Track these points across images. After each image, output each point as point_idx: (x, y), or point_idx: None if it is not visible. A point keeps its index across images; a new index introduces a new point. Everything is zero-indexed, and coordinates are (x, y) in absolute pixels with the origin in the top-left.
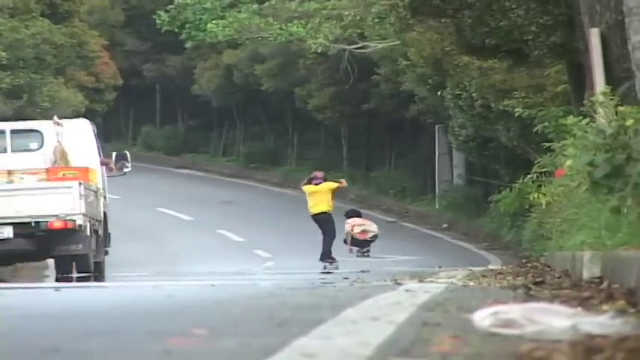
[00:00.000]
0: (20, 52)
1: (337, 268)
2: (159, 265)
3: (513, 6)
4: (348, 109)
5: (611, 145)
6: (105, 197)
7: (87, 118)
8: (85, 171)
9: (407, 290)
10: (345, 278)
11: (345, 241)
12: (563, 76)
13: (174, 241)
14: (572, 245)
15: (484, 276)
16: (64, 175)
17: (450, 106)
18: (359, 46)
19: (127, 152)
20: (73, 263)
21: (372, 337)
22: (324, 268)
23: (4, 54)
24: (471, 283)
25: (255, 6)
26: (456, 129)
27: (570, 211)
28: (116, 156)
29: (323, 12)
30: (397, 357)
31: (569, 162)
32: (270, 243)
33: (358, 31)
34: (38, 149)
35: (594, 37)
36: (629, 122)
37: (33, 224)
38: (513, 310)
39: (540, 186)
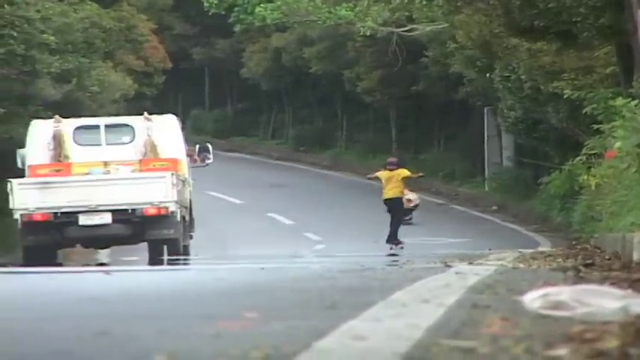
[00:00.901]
0: (69, 37)
1: (402, 248)
2: (210, 249)
3: None
4: (397, 91)
5: None
6: (190, 186)
7: (136, 102)
8: (174, 162)
9: (456, 273)
10: (395, 261)
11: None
12: (613, 58)
13: (224, 224)
14: (622, 227)
15: (534, 258)
16: (154, 166)
17: (498, 88)
18: (407, 28)
19: (209, 145)
20: (165, 246)
21: (421, 320)
22: (390, 249)
23: (52, 38)
24: (521, 266)
25: None
26: (505, 111)
27: (620, 193)
28: (199, 148)
29: None
30: (447, 339)
31: (618, 144)
32: (320, 226)
33: (406, 13)
34: (130, 142)
35: None
36: None
37: (130, 211)
38: (563, 292)
39: (590, 168)
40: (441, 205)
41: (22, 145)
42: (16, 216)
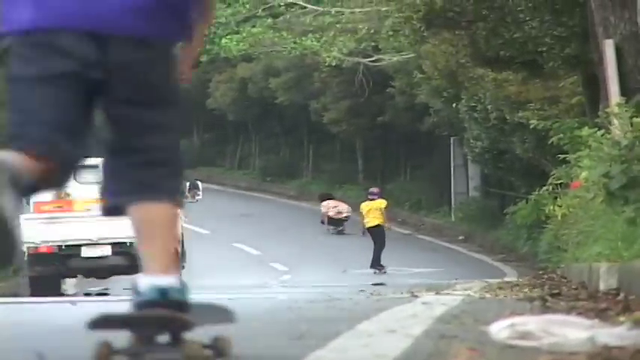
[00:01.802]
0: None
1: (386, 273)
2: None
3: (527, 18)
4: (364, 121)
5: (627, 157)
6: (182, 221)
7: (101, 135)
8: None
9: (423, 303)
10: (362, 291)
11: (323, 222)
12: (578, 88)
13: (191, 254)
14: (589, 257)
15: (500, 288)
16: None
17: (465, 118)
18: (373, 59)
19: (199, 182)
20: None
21: (388, 350)
22: (374, 273)
23: None
24: (488, 296)
25: (270, 20)
26: (471, 141)
27: (586, 223)
28: (189, 185)
29: (337, 25)
30: None
31: (584, 173)
32: (287, 256)
33: (373, 43)
34: None
35: (609, 48)
36: None
37: (127, 244)
38: (530, 322)
39: (556, 198)
40: (408, 235)
41: None
42: (23, 248)
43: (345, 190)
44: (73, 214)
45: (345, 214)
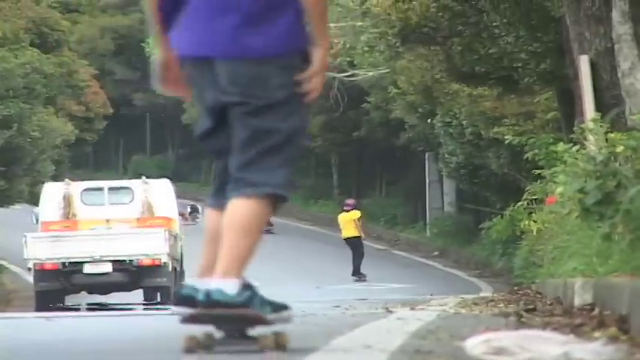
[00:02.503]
0: (10, 82)
1: (366, 281)
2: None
3: (503, 33)
4: (339, 137)
5: (602, 172)
6: (181, 241)
7: (77, 147)
8: (167, 220)
9: (399, 318)
10: (337, 306)
11: None
12: (554, 104)
13: None
14: (564, 272)
15: (476, 303)
16: (150, 223)
17: (440, 133)
18: (349, 74)
19: (199, 206)
20: (158, 293)
21: None
22: (355, 281)
23: None
24: (463, 311)
25: None
26: (446, 156)
27: (561, 239)
28: (190, 208)
29: None
30: None
31: (559, 189)
32: (261, 271)
33: (348, 59)
34: (130, 202)
35: (584, 64)
36: (620, 149)
37: (127, 261)
38: (505, 338)
39: (531, 213)
40: (383, 250)
41: None
42: (29, 265)
43: (320, 205)
44: (77, 233)
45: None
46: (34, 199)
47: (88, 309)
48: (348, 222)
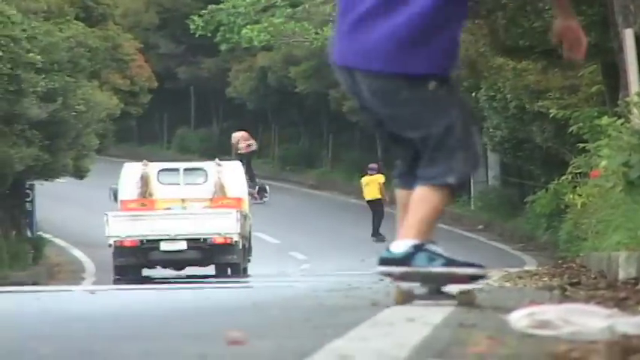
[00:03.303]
0: (55, 56)
1: (384, 241)
2: (196, 268)
3: (547, 7)
4: None
5: None
6: (250, 219)
7: (122, 121)
8: (238, 200)
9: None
10: (381, 280)
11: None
12: (598, 77)
13: None
14: (608, 246)
15: (520, 277)
16: (222, 203)
17: (484, 107)
18: None
19: (267, 186)
20: (229, 268)
21: (408, 339)
22: (374, 241)
23: (38, 57)
24: (507, 284)
25: (289, 10)
26: (490, 130)
27: (606, 212)
28: (258, 188)
29: None
30: (433, 358)
31: (604, 162)
32: (306, 245)
33: None
34: (204, 183)
35: (628, 37)
36: None
37: (202, 240)
38: (549, 311)
39: (575, 187)
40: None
41: (11, 166)
42: (110, 242)
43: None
44: (155, 212)
45: (253, 148)
46: (78, 173)
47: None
48: (373, 185)
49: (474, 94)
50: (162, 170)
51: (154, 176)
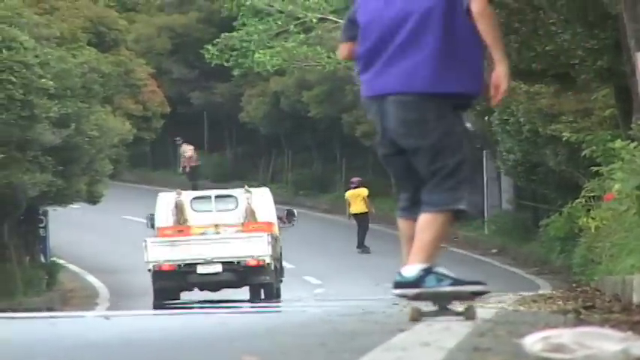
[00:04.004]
0: (68, 82)
1: (369, 253)
2: (209, 293)
3: (559, 30)
4: None
5: None
6: (280, 242)
7: (135, 146)
8: (268, 224)
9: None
10: (395, 304)
11: (184, 168)
12: (611, 100)
13: None
14: (622, 269)
15: (534, 301)
16: (253, 227)
17: (497, 131)
18: None
19: (295, 210)
20: (262, 289)
21: None
22: (359, 252)
23: (51, 83)
24: (522, 308)
25: (302, 35)
26: (503, 154)
27: (619, 235)
28: (287, 212)
29: None
30: None
31: (617, 186)
32: (320, 269)
33: None
34: (234, 209)
35: None
36: None
37: (236, 262)
38: (564, 335)
39: (589, 210)
40: (441, 247)
41: (24, 192)
42: (149, 267)
43: (378, 202)
44: (190, 238)
45: (195, 163)
46: (91, 198)
47: (201, 306)
48: (357, 198)
49: (487, 117)
50: (195, 198)
51: (187, 204)
